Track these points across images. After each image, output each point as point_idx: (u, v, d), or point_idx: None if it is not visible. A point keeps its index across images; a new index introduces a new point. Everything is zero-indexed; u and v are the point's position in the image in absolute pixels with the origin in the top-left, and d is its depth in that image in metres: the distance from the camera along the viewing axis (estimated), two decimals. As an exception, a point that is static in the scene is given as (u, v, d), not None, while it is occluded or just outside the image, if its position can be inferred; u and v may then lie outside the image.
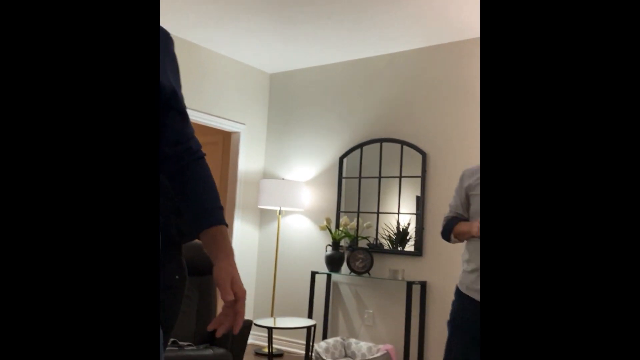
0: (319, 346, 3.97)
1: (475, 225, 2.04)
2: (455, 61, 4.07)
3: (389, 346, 3.92)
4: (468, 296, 2.09)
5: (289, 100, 5.01)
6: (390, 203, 4.26)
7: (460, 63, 4.04)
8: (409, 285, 3.84)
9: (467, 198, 2.20)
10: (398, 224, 4.19)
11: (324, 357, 3.89)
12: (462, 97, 4.00)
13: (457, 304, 2.14)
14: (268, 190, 4.51)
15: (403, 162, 4.22)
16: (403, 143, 4.22)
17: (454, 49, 4.09)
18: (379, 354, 3.81)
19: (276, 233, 4.76)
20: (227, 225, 1.08)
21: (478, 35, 3.94)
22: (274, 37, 4.24)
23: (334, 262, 4.26)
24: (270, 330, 3.51)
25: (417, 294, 3.99)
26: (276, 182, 4.52)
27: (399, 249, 4.16)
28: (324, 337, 4.34)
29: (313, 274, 4.35)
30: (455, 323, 2.12)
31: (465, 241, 2.20)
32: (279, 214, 4.67)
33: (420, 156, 4.13)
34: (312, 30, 4.07)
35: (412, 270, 4.05)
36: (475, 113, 3.94)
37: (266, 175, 5.03)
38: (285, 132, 4.99)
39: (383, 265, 4.19)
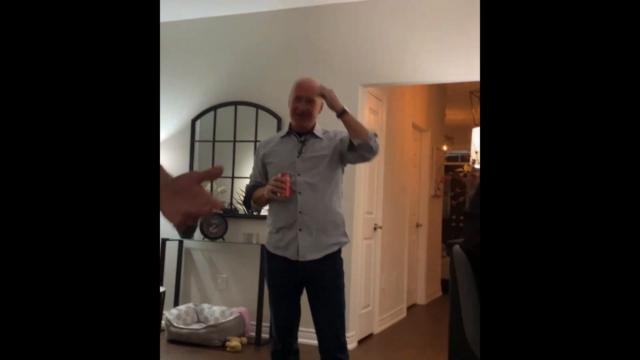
0: (170, 313, 3.85)
1: (267, 189, 2.18)
2: (310, 26, 4.11)
3: (242, 309, 3.94)
4: (275, 254, 2.26)
5: (137, 58, 4.67)
6: (245, 167, 4.22)
7: (316, 28, 4.09)
8: (263, 248, 3.87)
9: (264, 166, 2.37)
10: (253, 188, 4.18)
11: (175, 324, 3.78)
12: (316, 62, 4.06)
13: (268, 263, 2.31)
14: (113, 153, 4.20)
15: (258, 126, 4.20)
16: (258, 107, 4.19)
17: (310, 13, 4.12)
18: (232, 317, 3.81)
19: (123, 199, 4.46)
20: None
21: (335, 1, 4.00)
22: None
23: (186, 229, 4.13)
24: (116, 299, 3.31)
25: (270, 257, 4.04)
26: (123, 145, 4.22)
27: (254, 213, 4.15)
28: (175, 304, 4.21)
29: (163, 241, 4.17)
30: (269, 279, 2.29)
31: (267, 206, 2.34)
32: (126, 178, 4.38)
33: (275, 120, 4.13)
34: (163, -18, 3.80)
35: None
36: (328, 78, 4.03)
37: (111, 137, 4.67)
38: (132, 92, 4.65)
39: (238, 230, 4.16)
